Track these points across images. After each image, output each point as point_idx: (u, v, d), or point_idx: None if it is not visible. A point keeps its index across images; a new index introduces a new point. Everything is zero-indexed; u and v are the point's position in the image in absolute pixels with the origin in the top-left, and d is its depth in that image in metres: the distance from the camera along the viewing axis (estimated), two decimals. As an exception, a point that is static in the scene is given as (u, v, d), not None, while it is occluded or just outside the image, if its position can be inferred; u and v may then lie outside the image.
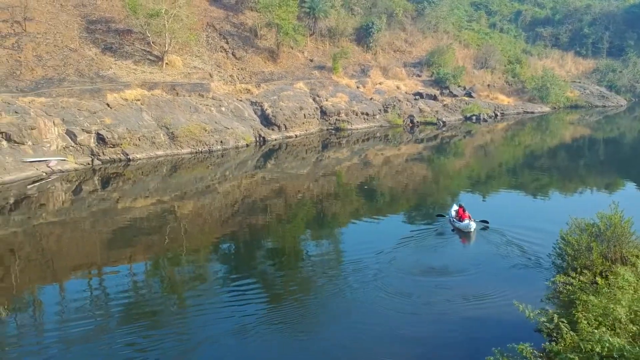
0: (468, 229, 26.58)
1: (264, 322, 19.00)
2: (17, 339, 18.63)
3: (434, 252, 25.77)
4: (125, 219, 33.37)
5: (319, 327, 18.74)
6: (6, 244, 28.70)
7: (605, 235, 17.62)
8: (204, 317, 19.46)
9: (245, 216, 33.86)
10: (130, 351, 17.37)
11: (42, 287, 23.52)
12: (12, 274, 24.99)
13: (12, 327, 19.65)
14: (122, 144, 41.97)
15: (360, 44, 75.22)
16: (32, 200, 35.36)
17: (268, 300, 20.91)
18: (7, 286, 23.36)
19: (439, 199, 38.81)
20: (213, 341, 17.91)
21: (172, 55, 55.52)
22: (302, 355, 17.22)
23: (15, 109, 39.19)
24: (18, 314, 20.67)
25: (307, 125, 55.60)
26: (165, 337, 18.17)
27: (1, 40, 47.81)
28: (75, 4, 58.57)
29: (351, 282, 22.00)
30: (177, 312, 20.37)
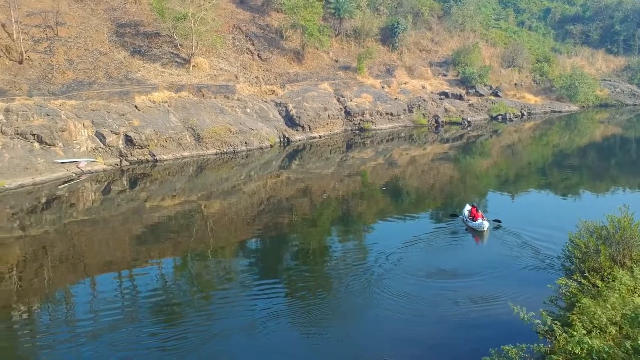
0: (481, 228, 27.31)
1: (279, 317, 19.67)
2: (49, 329, 19.67)
3: (446, 253, 26.02)
4: (153, 218, 34.33)
5: (334, 323, 19.26)
6: (39, 242, 29.88)
7: (614, 238, 17.62)
8: (229, 310, 20.37)
9: (271, 215, 34.50)
10: (156, 341, 18.27)
11: (73, 283, 24.49)
12: (45, 270, 26.05)
13: (45, 318, 20.75)
14: (150, 145, 42.96)
15: (385, 44, 75.26)
16: (63, 200, 36.51)
17: (288, 297, 21.52)
18: (40, 281, 24.48)
19: (466, 199, 38.73)
20: (234, 333, 18.69)
21: (198, 58, 56.44)
22: (316, 347, 17.91)
23: (47, 112, 40.47)
24: (51, 307, 21.71)
25: (331, 126, 55.94)
26: (190, 329, 18.98)
27: (34, 44, 49.30)
28: (105, 8, 59.97)
29: (369, 280, 22.47)
30: (203, 306, 21.17)
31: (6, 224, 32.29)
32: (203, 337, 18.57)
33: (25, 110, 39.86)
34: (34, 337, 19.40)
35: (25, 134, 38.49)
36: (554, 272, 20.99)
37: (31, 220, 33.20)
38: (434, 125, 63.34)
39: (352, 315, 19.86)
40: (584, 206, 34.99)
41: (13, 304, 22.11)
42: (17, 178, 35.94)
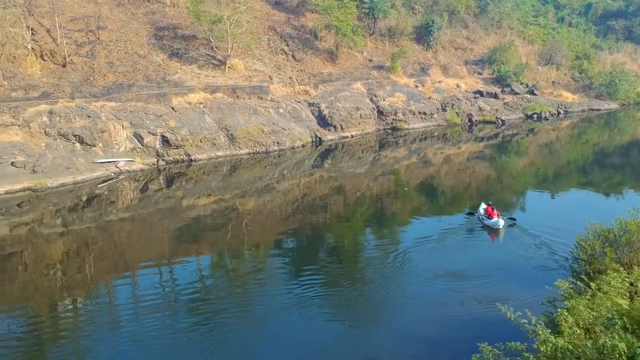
0: (497, 226, 28.18)
1: (310, 307, 21.02)
2: (92, 319, 21.12)
3: (460, 251, 26.55)
4: (190, 215, 35.72)
5: (360, 313, 20.48)
6: (81, 238, 31.57)
7: (620, 241, 17.76)
8: (263, 300, 21.78)
9: (306, 214, 35.43)
10: (196, 333, 19.43)
11: (115, 276, 25.98)
12: (87, 264, 27.68)
13: (87, 309, 22.24)
14: (185, 146, 44.33)
15: (420, 43, 75.18)
16: (103, 198, 38.15)
17: (318, 290, 22.57)
18: (83, 275, 26.02)
19: (504, 198, 38.94)
20: (268, 321, 20.09)
21: (234, 59, 57.64)
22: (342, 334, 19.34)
23: (88, 113, 42.24)
24: (93, 298, 23.27)
25: (363, 125, 56.40)
26: (227, 321, 20.35)
27: (77, 48, 51.31)
28: (145, 12, 61.73)
29: (386, 277, 23.50)
30: (238, 297, 22.59)
31: (50, 221, 34.08)
32: (238, 325, 19.95)
33: (68, 112, 41.71)
34: (77, 326, 20.85)
35: (67, 135, 40.35)
36: (565, 273, 21.09)
37: (73, 217, 34.91)
38: (468, 124, 63.06)
39: (377, 307, 21.08)
40: (625, 205, 34.73)
41: (58, 295, 23.68)
42: (59, 177, 37.74)
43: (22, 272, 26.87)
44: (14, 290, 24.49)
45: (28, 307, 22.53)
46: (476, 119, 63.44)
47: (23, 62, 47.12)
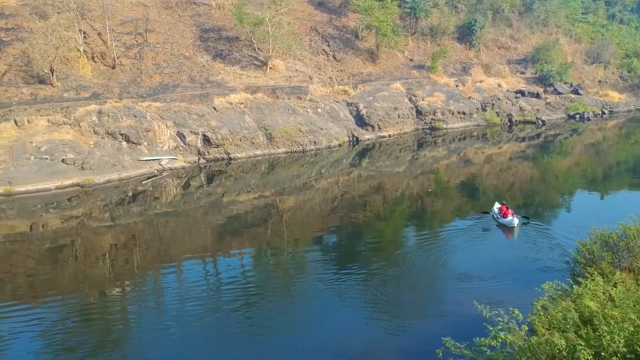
0: (511, 224, 29.31)
1: (348, 299, 22.23)
2: (139, 309, 22.88)
3: (472, 250, 27.41)
4: (231, 211, 37.52)
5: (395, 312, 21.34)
6: (128, 231, 33.68)
7: (619, 246, 18.19)
8: (303, 292, 23.22)
9: (345, 211, 36.55)
10: (236, 320, 20.98)
11: (160, 267, 27.86)
12: (134, 256, 29.71)
13: (135, 296, 24.13)
14: (225, 144, 46.03)
15: (462, 42, 74.94)
16: (148, 194, 40.19)
17: (356, 287, 23.59)
18: (130, 266, 28.01)
19: (548, 198, 39.07)
20: (307, 311, 21.55)
21: (275, 60, 59.07)
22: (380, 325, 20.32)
23: (135, 113, 44.43)
24: (140, 287, 25.18)
25: (401, 125, 56.89)
26: (267, 311, 21.71)
27: (126, 50, 53.74)
28: (191, 14, 63.83)
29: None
30: (279, 290, 24.00)
31: (98, 215, 36.27)
32: (278, 315, 21.30)
33: (116, 112, 43.99)
34: (124, 310, 22.79)
35: (114, 134, 42.64)
36: (570, 274, 21.45)
37: (120, 211, 37.04)
38: (507, 124, 62.65)
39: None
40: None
41: (107, 283, 25.56)
42: (105, 174, 39.98)
43: (73, 262, 29.05)
44: (66, 279, 26.62)
45: (80, 294, 24.43)
46: (516, 119, 62.96)
47: (75, 64, 49.77)
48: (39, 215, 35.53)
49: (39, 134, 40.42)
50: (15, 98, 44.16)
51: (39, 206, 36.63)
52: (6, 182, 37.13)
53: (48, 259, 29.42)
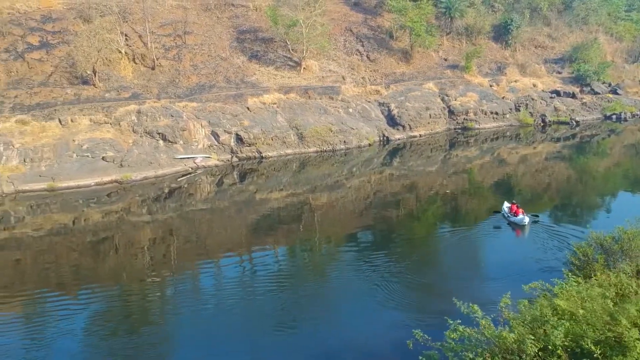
0: (523, 222, 30.48)
1: (380, 296, 23.09)
2: (176, 295, 24.76)
3: (482, 250, 28.49)
4: (264, 208, 39.06)
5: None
6: (166, 226, 35.57)
7: (613, 249, 18.91)
8: (333, 291, 24.32)
9: (379, 209, 37.66)
10: (278, 315, 22.13)
11: (196, 260, 29.52)
12: (171, 249, 31.58)
13: (172, 286, 25.89)
14: (257, 144, 47.42)
15: (498, 41, 74.53)
16: (183, 191, 41.96)
17: (388, 284, 24.45)
18: (168, 259, 29.77)
19: (587, 199, 39.14)
20: (340, 302, 22.82)
21: (309, 60, 60.22)
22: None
23: (172, 113, 46.28)
24: (178, 278, 26.85)
25: (433, 125, 57.20)
26: (297, 302, 23.09)
27: (165, 52, 55.76)
28: (229, 16, 65.50)
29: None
30: (312, 283, 25.32)
31: (137, 210, 38.21)
32: (312, 306, 22.60)
33: (154, 111, 45.93)
34: (163, 299, 24.60)
35: (152, 133, 44.56)
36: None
37: (157, 207, 38.93)
38: (540, 124, 62.14)
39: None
40: None
41: (146, 274, 27.38)
42: (142, 171, 41.88)
43: (114, 254, 31.07)
44: (107, 269, 28.61)
45: (120, 284, 26.30)
46: (549, 119, 62.36)
47: (117, 65, 52.01)
48: (81, 209, 37.67)
49: (82, 133, 42.66)
50: (60, 98, 46.60)
51: (80, 201, 38.77)
52: (50, 178, 39.41)
53: (90, 251, 31.49)
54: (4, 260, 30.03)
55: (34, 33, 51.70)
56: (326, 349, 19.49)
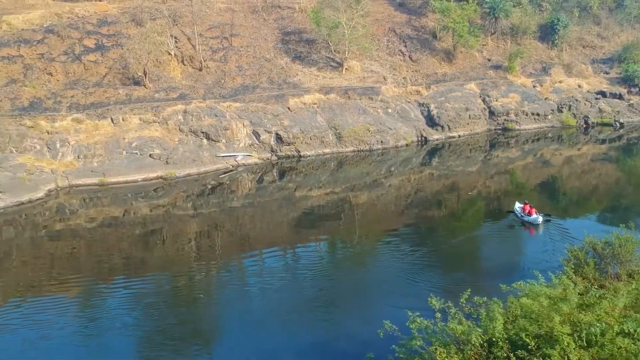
0: (537, 222, 31.92)
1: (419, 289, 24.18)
2: (222, 284, 27.08)
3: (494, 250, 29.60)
4: (305, 204, 41.03)
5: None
6: (210, 220, 38.06)
7: (604, 253, 19.86)
8: (371, 286, 25.65)
9: (420, 208, 38.93)
10: (318, 305, 23.82)
11: (240, 252, 31.88)
12: (216, 241, 34.13)
13: (218, 276, 28.21)
14: (296, 143, 49.12)
15: (544, 41, 73.72)
16: (225, 187, 44.16)
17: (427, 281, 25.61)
18: (213, 250, 32.27)
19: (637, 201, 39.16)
20: (379, 294, 24.21)
21: (351, 61, 61.46)
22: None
23: (216, 113, 48.54)
24: (223, 269, 29.16)
25: (472, 126, 57.45)
26: (341, 295, 24.54)
27: (212, 54, 58.14)
28: (275, 18, 67.38)
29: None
30: (353, 276, 26.85)
31: (182, 204, 40.65)
32: (346, 300, 23.99)
33: (199, 111, 48.28)
34: (209, 287, 26.93)
35: (196, 132, 46.97)
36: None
37: (201, 202, 41.30)
38: (583, 126, 61.27)
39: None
40: None
41: (192, 264, 29.76)
42: (186, 168, 44.29)
43: (162, 245, 33.76)
44: (156, 259, 31.21)
45: (168, 272, 28.73)
46: (593, 120, 61.45)
47: (167, 67, 54.71)
48: (130, 203, 40.34)
49: (131, 131, 45.43)
50: (113, 98, 49.57)
51: (129, 195, 41.45)
52: (101, 174, 42.27)
53: (139, 242, 34.30)
54: (60, 249, 33.16)
55: (91, 36, 54.94)
56: (353, 337, 20.93)
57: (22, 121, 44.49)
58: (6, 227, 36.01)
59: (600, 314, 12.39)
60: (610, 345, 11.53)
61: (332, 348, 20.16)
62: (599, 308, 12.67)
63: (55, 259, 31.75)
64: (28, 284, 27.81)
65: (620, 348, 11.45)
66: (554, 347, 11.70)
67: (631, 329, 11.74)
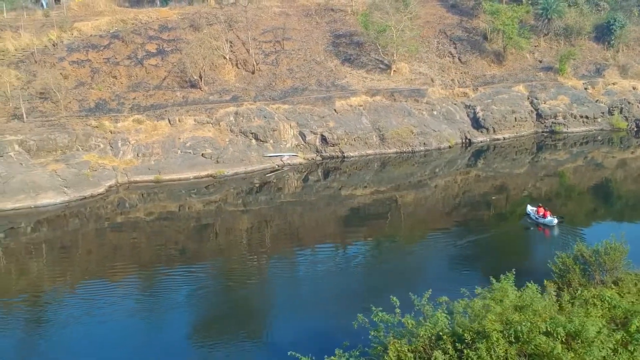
0: (552, 223, 33.61)
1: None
2: (273, 274, 30.12)
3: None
4: (351, 203, 43.29)
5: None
6: (259, 215, 41.07)
7: (590, 261, 21.21)
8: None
9: (469, 209, 40.48)
10: (361, 292, 25.81)
11: (290, 247, 34.61)
12: (267, 236, 36.99)
13: (268, 271, 30.98)
14: (340, 144, 51.11)
15: (600, 42, 72.42)
16: (272, 186, 46.78)
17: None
18: (264, 244, 35.24)
19: None
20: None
21: (400, 63, 62.66)
22: None
23: (265, 114, 51.14)
24: (274, 260, 32.08)
25: (518, 128, 57.59)
26: (387, 285, 26.08)
27: (264, 57, 60.77)
28: (328, 21, 69.20)
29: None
30: (399, 274, 28.51)
31: (233, 201, 43.66)
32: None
33: (249, 113, 51.04)
34: (261, 277, 29.82)
35: (246, 132, 49.79)
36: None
37: (250, 199, 44.18)
38: (634, 129, 60.14)
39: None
40: None
41: (244, 256, 32.77)
42: (234, 167, 47.20)
43: (215, 237, 37.09)
44: (211, 250, 34.62)
45: (222, 262, 31.95)
46: (645, 123, 60.35)
47: (222, 70, 57.75)
48: (184, 199, 43.59)
49: (186, 132, 48.67)
50: (171, 100, 53.02)
51: (182, 192, 44.68)
52: (157, 171, 45.73)
53: (195, 234, 37.60)
54: (122, 239, 36.98)
55: (152, 41, 58.68)
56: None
57: (88, 121, 48.55)
58: (72, 218, 39.98)
59: (529, 314, 14.11)
60: (534, 342, 13.26)
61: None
62: (530, 310, 14.40)
63: (118, 248, 35.67)
64: (94, 270, 31.73)
65: (539, 345, 13.20)
66: (486, 341, 13.54)
67: (550, 328, 13.46)
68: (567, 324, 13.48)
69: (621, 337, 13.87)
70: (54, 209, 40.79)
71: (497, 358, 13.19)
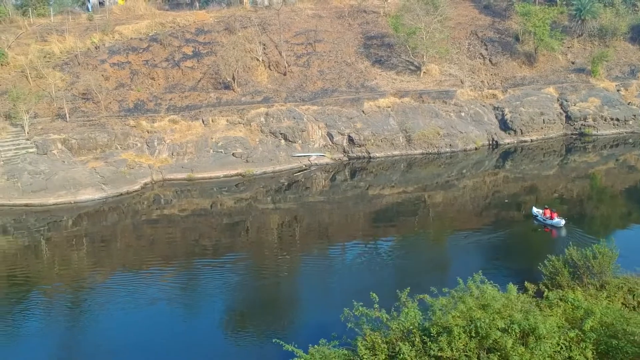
0: (560, 225, 34.57)
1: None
2: (302, 268, 31.80)
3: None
4: (379, 202, 44.76)
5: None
6: (289, 213, 42.82)
7: (578, 264, 22.05)
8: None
9: (499, 209, 41.26)
10: (390, 284, 26.40)
11: (320, 243, 36.24)
12: (296, 232, 38.77)
13: (299, 265, 32.54)
14: (367, 145, 52.37)
15: (636, 43, 71.57)
16: (300, 184, 48.33)
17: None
18: (294, 240, 37.05)
19: None
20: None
21: (430, 65, 63.38)
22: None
23: (294, 115, 52.78)
24: (304, 255, 33.71)
25: (546, 130, 57.65)
26: (415, 278, 27.52)
27: (296, 59, 62.38)
28: (360, 22, 70.43)
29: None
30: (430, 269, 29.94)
31: (262, 199, 45.43)
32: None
33: (279, 114, 52.75)
34: (291, 271, 31.58)
35: (275, 133, 51.51)
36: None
37: (279, 197, 45.90)
38: (667, 132, 59.60)
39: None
40: None
41: (277, 252, 34.53)
42: (263, 167, 49.06)
43: (246, 233, 38.93)
44: (242, 245, 36.49)
45: (254, 257, 33.77)
46: (679, 126, 59.52)
47: (255, 72, 59.66)
48: (216, 196, 45.60)
49: (219, 132, 50.72)
50: (205, 101, 55.19)
51: (214, 189, 46.71)
52: (189, 170, 47.94)
53: (227, 230, 39.64)
54: (158, 234, 39.26)
55: (189, 44, 61.02)
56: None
57: (127, 121, 51.07)
58: (110, 213, 42.40)
59: (491, 312, 15.45)
60: (491, 337, 14.56)
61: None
62: (491, 308, 15.72)
63: (154, 241, 37.93)
64: (132, 261, 34.03)
65: (496, 340, 14.57)
66: (448, 335, 14.96)
67: (506, 325, 14.79)
68: (523, 322, 14.88)
69: (575, 335, 15.22)
70: (92, 205, 43.32)
71: (457, 350, 14.67)
